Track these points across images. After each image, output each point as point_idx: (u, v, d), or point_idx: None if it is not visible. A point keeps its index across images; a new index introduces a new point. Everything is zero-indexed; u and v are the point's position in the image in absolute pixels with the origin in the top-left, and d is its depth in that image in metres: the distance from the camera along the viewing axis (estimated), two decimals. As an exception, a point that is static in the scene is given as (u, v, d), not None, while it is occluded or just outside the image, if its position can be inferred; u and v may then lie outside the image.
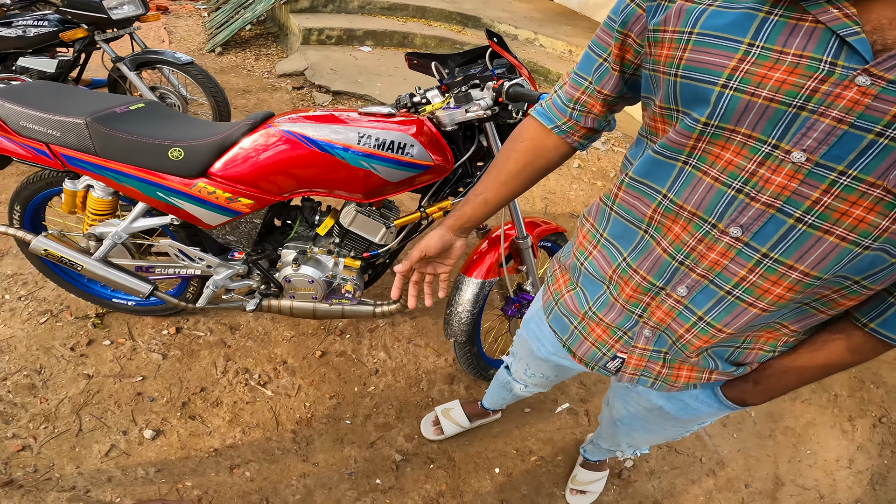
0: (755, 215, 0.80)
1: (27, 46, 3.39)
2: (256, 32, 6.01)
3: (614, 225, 1.05)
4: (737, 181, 0.80)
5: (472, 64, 1.95)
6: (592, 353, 1.15)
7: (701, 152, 0.84)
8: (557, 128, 1.14)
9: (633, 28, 0.92)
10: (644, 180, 0.95)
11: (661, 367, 1.08)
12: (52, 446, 2.07)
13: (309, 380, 2.47)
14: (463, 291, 2.10)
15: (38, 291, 2.65)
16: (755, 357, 1.03)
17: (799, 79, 0.71)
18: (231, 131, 1.84)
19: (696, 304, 0.93)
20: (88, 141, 1.81)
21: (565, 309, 1.20)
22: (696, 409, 1.21)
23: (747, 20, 0.75)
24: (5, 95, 1.87)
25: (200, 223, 1.95)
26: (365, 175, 1.81)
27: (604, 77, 1.02)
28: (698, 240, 0.88)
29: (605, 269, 1.07)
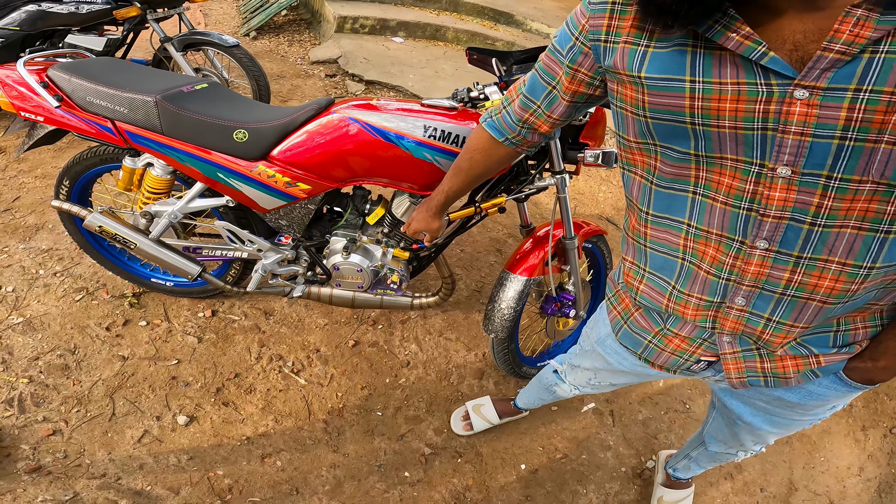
0: (773, 228, 0.79)
1: (77, 24, 3.15)
2: (290, 18, 5.67)
3: (653, 259, 1.00)
4: (743, 202, 0.79)
5: (532, 63, 1.75)
6: (674, 361, 1.10)
7: (704, 181, 0.83)
8: (507, 140, 1.19)
9: (582, 64, 0.92)
10: (665, 215, 0.92)
11: (762, 362, 1.00)
12: (84, 431, 1.88)
13: (341, 369, 2.26)
14: (507, 288, 1.93)
15: (74, 268, 2.44)
16: (864, 335, 0.95)
17: (747, 105, 0.71)
18: (295, 115, 1.69)
19: (758, 308, 0.89)
20: (156, 119, 1.69)
21: (637, 327, 1.14)
22: (822, 395, 1.09)
23: (680, 57, 0.75)
24: (72, 70, 1.73)
25: (256, 206, 1.82)
26: (428, 167, 1.66)
27: (553, 103, 1.04)
28: (734, 257, 0.85)
29: (660, 300, 1.03)
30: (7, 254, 2.44)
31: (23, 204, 2.72)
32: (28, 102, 1.75)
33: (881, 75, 0.63)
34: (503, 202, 1.80)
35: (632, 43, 0.80)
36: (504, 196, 1.82)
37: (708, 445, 1.64)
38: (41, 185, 2.86)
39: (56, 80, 1.74)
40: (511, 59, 1.74)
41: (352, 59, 4.71)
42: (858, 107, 0.65)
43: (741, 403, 1.28)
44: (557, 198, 1.81)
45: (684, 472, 1.92)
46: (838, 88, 0.66)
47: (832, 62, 0.65)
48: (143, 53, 3.81)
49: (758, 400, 1.21)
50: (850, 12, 0.62)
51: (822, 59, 0.65)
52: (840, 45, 0.63)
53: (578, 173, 1.85)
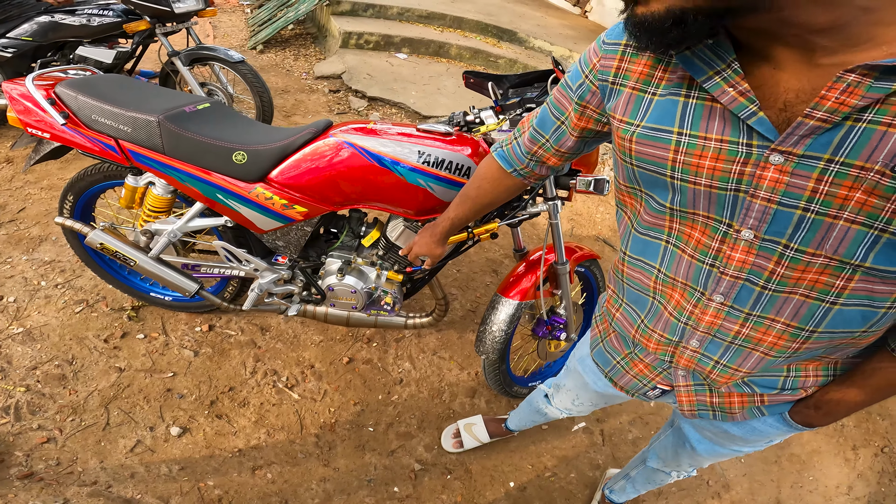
0: (729, 285, 0.81)
1: (88, 36, 3.18)
2: (296, 32, 5.71)
3: (629, 293, 1.04)
4: (707, 258, 0.82)
5: (528, 87, 1.76)
6: (634, 384, 1.15)
7: (677, 232, 0.85)
8: (516, 171, 1.18)
9: (590, 102, 0.93)
10: (639, 257, 0.95)
11: (711, 396, 1.04)
12: (78, 439, 1.88)
13: (335, 385, 2.26)
14: (499, 311, 1.93)
15: (76, 280, 2.45)
16: (813, 383, 0.97)
17: (725, 164, 0.71)
18: (293, 138, 1.69)
19: (709, 351, 0.92)
20: (158, 139, 1.69)
21: (610, 346, 1.19)
22: (764, 432, 1.12)
23: (673, 107, 0.75)
24: (79, 87, 1.74)
25: (253, 227, 1.81)
26: (421, 193, 1.66)
27: (562, 138, 1.04)
28: (693, 305, 0.88)
29: (629, 329, 1.07)
30: (10, 264, 2.45)
31: (28, 215, 2.74)
32: (35, 118, 1.75)
33: (855, 147, 0.62)
34: (496, 228, 1.80)
35: (639, 90, 0.81)
36: (497, 221, 1.81)
37: (648, 459, 1.68)
38: (47, 197, 2.87)
39: (63, 98, 1.73)
40: (507, 82, 1.74)
41: (355, 74, 4.74)
42: (826, 178, 0.65)
43: (693, 429, 1.33)
44: (549, 224, 1.81)
45: (619, 495, 1.93)
46: (812, 157, 0.65)
47: (812, 129, 0.64)
48: (151, 65, 3.84)
49: (706, 430, 1.26)
50: (841, 77, 0.60)
51: (803, 125, 0.64)
52: (823, 113, 0.62)
53: (571, 199, 1.85)
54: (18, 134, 3.31)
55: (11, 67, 3.06)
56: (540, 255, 1.93)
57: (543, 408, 1.72)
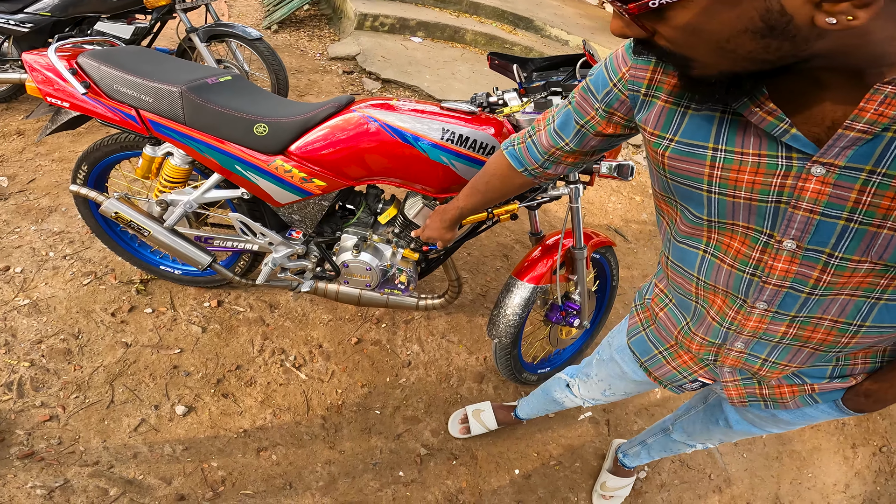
0: (772, 294, 0.78)
1: (108, 11, 3.03)
2: (311, 13, 5.47)
3: (675, 296, 1.01)
4: (748, 267, 0.79)
5: (553, 70, 1.64)
6: (672, 375, 1.12)
7: (715, 242, 0.82)
8: (526, 171, 1.11)
9: (619, 109, 0.87)
10: (679, 264, 0.92)
11: (760, 389, 1.01)
12: (81, 418, 1.77)
13: (343, 366, 2.14)
14: (513, 294, 1.82)
15: (84, 251, 2.32)
16: (861, 370, 0.94)
17: (765, 178, 0.69)
18: (315, 112, 1.61)
19: (756, 351, 0.89)
20: (179, 109, 1.62)
21: (654, 335, 1.14)
22: (815, 417, 1.09)
23: (708, 122, 0.72)
24: (102, 58, 1.67)
25: (270, 200, 1.74)
26: (443, 170, 1.57)
27: (583, 140, 0.97)
28: (736, 311, 0.86)
29: (672, 330, 1.04)
30: (18, 234, 2.32)
31: (38, 186, 2.59)
32: (54, 88, 1.68)
33: None
34: (516, 209, 1.71)
35: (672, 102, 0.76)
36: (517, 203, 1.72)
37: (673, 432, 1.63)
38: (58, 169, 2.73)
39: (85, 67, 1.66)
40: (532, 65, 1.63)
41: (370, 56, 4.54)
42: (868, 189, 0.63)
43: (734, 411, 1.29)
44: (570, 207, 1.72)
45: (633, 460, 1.90)
46: (853, 168, 0.63)
47: (852, 140, 0.61)
48: (167, 43, 3.67)
49: (751, 414, 1.21)
50: (878, 90, 0.57)
51: (843, 137, 0.61)
52: (862, 124, 0.59)
53: (592, 184, 1.73)
54: (30, 108, 3.18)
55: (28, 42, 2.92)
56: (557, 240, 1.83)
57: (561, 397, 1.65)
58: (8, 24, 2.79)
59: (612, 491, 1.95)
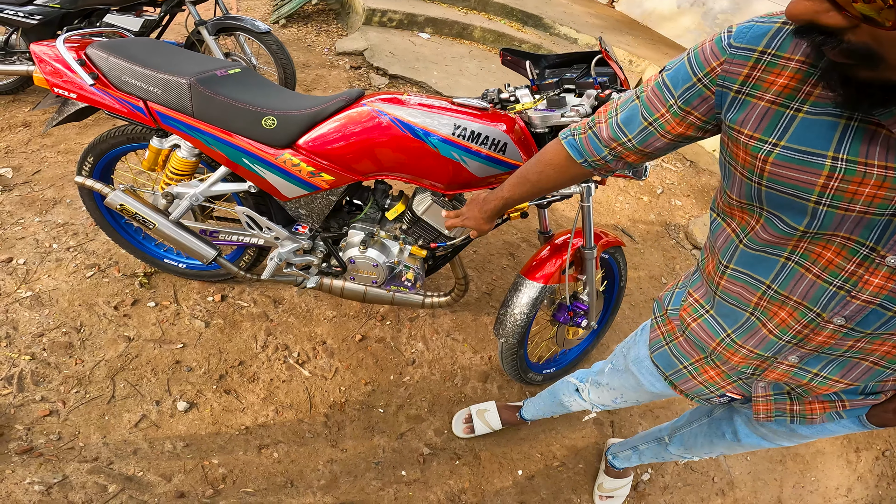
0: (857, 309, 0.73)
1: (116, 3, 2.97)
2: (319, 8, 5.37)
3: (720, 306, 0.94)
4: (837, 279, 0.73)
5: (566, 68, 1.59)
6: (699, 390, 1.07)
7: (803, 251, 0.75)
8: (586, 162, 1.03)
9: (697, 108, 0.80)
10: (747, 272, 0.85)
11: (791, 405, 0.97)
12: (81, 413, 1.71)
13: (346, 363, 2.08)
14: (521, 293, 1.77)
15: (88, 244, 2.26)
16: (892, 386, 0.90)
17: (888, 192, 0.63)
18: (325, 105, 1.56)
19: (809, 365, 0.85)
20: (188, 101, 1.57)
21: (678, 350, 1.08)
22: (836, 432, 1.05)
23: (830, 129, 0.65)
24: (111, 49, 1.62)
25: (277, 193, 1.69)
26: (454, 167, 1.51)
27: (648, 139, 0.89)
28: (804, 325, 0.79)
29: (709, 342, 0.97)
30: (22, 226, 2.26)
31: (42, 178, 2.54)
32: (62, 79, 1.63)
33: None
34: (526, 207, 1.66)
35: (780, 104, 0.69)
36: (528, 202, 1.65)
37: (670, 444, 1.59)
38: (63, 161, 2.67)
39: (94, 59, 1.62)
40: (545, 62, 1.58)
41: (377, 52, 4.47)
42: None
43: (744, 425, 1.24)
44: (581, 206, 1.66)
45: (622, 462, 1.87)
46: None
47: None
48: (175, 36, 3.61)
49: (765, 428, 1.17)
50: None
51: None
52: None
53: (605, 183, 1.67)
54: (36, 100, 3.12)
55: (37, 35, 2.85)
56: (567, 239, 1.78)
57: (569, 401, 1.61)
58: (17, 16, 2.73)
59: (610, 491, 1.91)
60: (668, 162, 4.36)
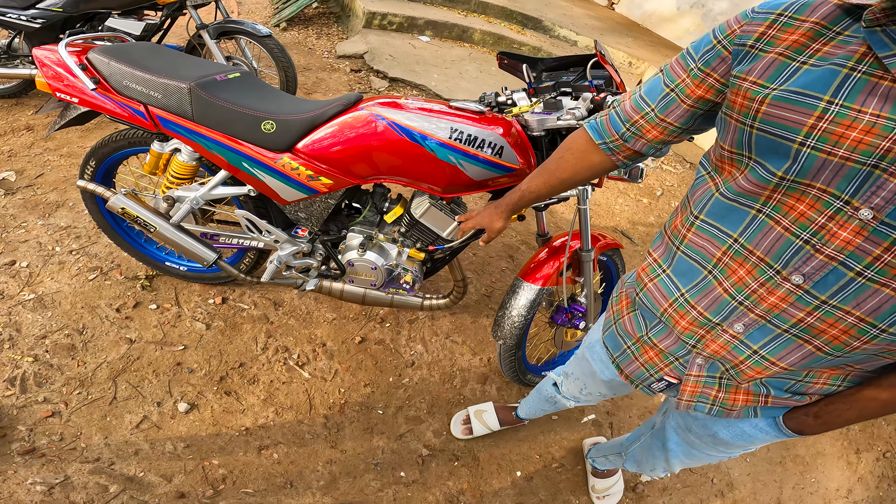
0: (818, 266, 0.72)
1: (119, 7, 2.98)
2: (320, 11, 5.39)
3: (679, 263, 0.92)
4: (806, 232, 0.72)
5: (563, 71, 1.60)
6: (640, 374, 1.06)
7: (776, 202, 0.75)
8: (605, 144, 1.03)
9: (716, 69, 0.82)
10: (716, 224, 0.84)
11: (717, 391, 0.96)
12: (83, 414, 1.73)
13: (346, 365, 2.09)
14: (519, 296, 1.77)
15: (91, 247, 2.28)
16: (818, 389, 0.90)
17: (875, 139, 0.63)
18: (323, 110, 1.57)
19: (751, 339, 0.84)
20: (188, 106, 1.59)
21: (622, 330, 1.10)
22: (753, 437, 1.05)
23: (830, 76, 0.67)
24: (112, 53, 1.63)
25: (277, 197, 1.69)
26: (451, 170, 1.52)
27: (669, 106, 0.90)
28: (760, 283, 0.79)
29: (661, 303, 0.96)
30: (25, 229, 2.28)
31: (46, 181, 2.56)
32: (64, 83, 1.65)
33: None
34: (523, 211, 1.64)
35: (787, 56, 0.72)
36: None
37: (626, 461, 1.62)
38: (66, 164, 2.69)
39: (95, 63, 1.63)
40: (541, 65, 1.58)
41: (378, 55, 4.48)
42: None
43: (675, 432, 1.26)
44: (578, 209, 1.67)
45: (602, 465, 1.86)
46: None
47: None
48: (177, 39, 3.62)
49: (692, 433, 1.19)
50: None
51: None
52: None
53: (601, 185, 1.68)
54: (39, 103, 3.15)
55: (39, 38, 2.87)
56: (564, 241, 1.79)
57: (552, 396, 1.61)
58: (20, 20, 2.76)
59: (604, 491, 1.92)
60: (668, 164, 4.37)
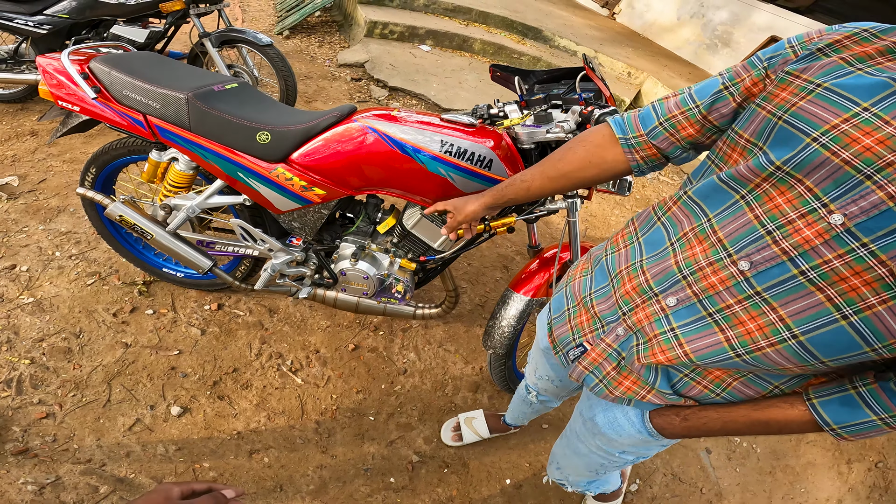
0: (769, 256, 0.72)
1: (123, 15, 3.02)
2: (322, 20, 5.45)
3: (654, 233, 0.93)
4: (772, 223, 0.72)
5: (554, 83, 1.63)
6: (565, 337, 1.06)
7: (760, 191, 0.75)
8: (626, 140, 0.98)
9: (777, 70, 0.79)
10: (700, 202, 0.84)
11: (612, 368, 0.97)
12: (77, 416, 1.75)
13: (339, 372, 2.11)
14: (509, 306, 1.80)
15: (90, 252, 2.31)
16: (698, 393, 0.91)
17: (883, 150, 0.63)
18: (317, 121, 1.59)
19: (676, 316, 0.85)
20: (185, 116, 1.61)
21: (570, 292, 1.09)
22: (622, 427, 1.07)
23: (879, 87, 0.66)
24: (113, 63, 1.66)
25: (271, 207, 1.72)
26: (441, 183, 1.54)
27: (719, 102, 0.87)
28: (709, 262, 0.79)
29: (620, 265, 0.97)
30: (26, 233, 2.31)
31: (48, 186, 2.59)
32: (66, 92, 1.67)
33: None
34: (513, 222, 1.67)
35: (847, 62, 0.71)
36: (514, 216, 1.68)
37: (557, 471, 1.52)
38: (68, 170, 2.72)
39: (96, 72, 1.65)
40: (533, 77, 1.61)
41: (378, 64, 4.52)
42: None
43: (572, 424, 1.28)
44: (567, 221, 1.69)
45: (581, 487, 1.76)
46: None
47: None
48: (180, 46, 3.66)
49: (580, 419, 1.20)
50: None
51: None
52: None
53: (591, 199, 1.70)
54: (44, 109, 3.19)
55: (46, 44, 2.92)
56: (555, 253, 1.80)
57: (526, 394, 1.62)
58: (27, 26, 2.80)
59: None
60: (665, 175, 4.38)
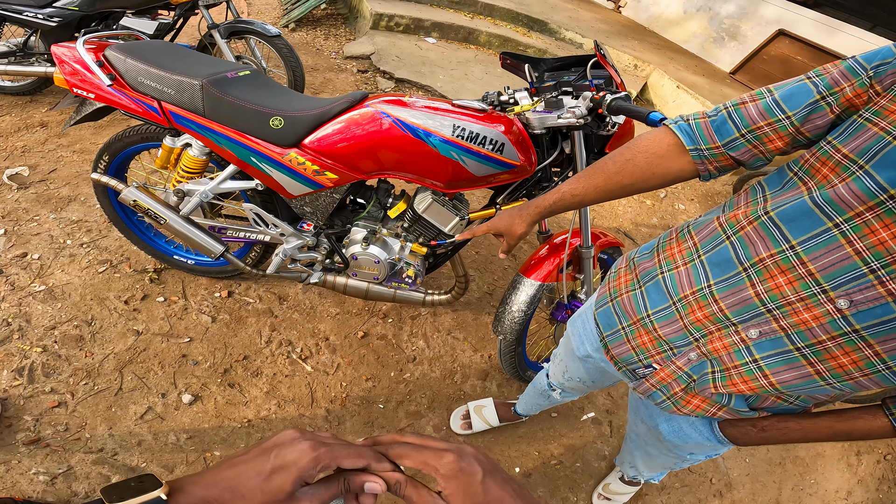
0: (873, 297, 0.66)
1: (133, 6, 3.00)
2: (328, 12, 5.39)
3: (720, 252, 0.83)
4: (877, 261, 0.65)
5: (564, 71, 1.60)
6: (628, 357, 0.99)
7: (860, 222, 0.66)
8: (698, 151, 0.87)
9: (884, 80, 0.69)
10: (782, 225, 0.75)
11: (680, 389, 0.91)
12: (89, 404, 1.73)
13: (348, 359, 2.08)
14: (519, 292, 1.77)
15: (101, 240, 2.29)
16: (771, 404, 0.87)
17: None
18: (330, 106, 1.58)
19: (758, 348, 0.78)
20: (199, 102, 1.60)
21: (620, 308, 1.01)
22: (688, 435, 1.03)
23: None
24: (128, 51, 1.65)
25: (283, 191, 1.71)
26: (453, 166, 1.53)
27: (815, 113, 0.76)
28: (800, 297, 0.72)
29: (684, 288, 0.87)
30: (37, 222, 2.29)
31: (58, 176, 2.57)
32: (81, 79, 1.66)
33: None
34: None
35: None
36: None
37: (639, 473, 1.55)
38: (78, 160, 2.71)
39: (112, 60, 1.65)
40: (543, 65, 1.59)
41: (384, 56, 4.47)
42: None
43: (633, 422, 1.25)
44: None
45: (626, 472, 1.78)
46: None
47: None
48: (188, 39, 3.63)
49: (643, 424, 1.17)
50: None
51: None
52: None
53: None
54: (53, 101, 3.17)
55: (55, 37, 2.89)
56: (565, 238, 1.77)
57: (546, 389, 1.60)
58: (36, 18, 2.77)
59: (613, 494, 1.88)
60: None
